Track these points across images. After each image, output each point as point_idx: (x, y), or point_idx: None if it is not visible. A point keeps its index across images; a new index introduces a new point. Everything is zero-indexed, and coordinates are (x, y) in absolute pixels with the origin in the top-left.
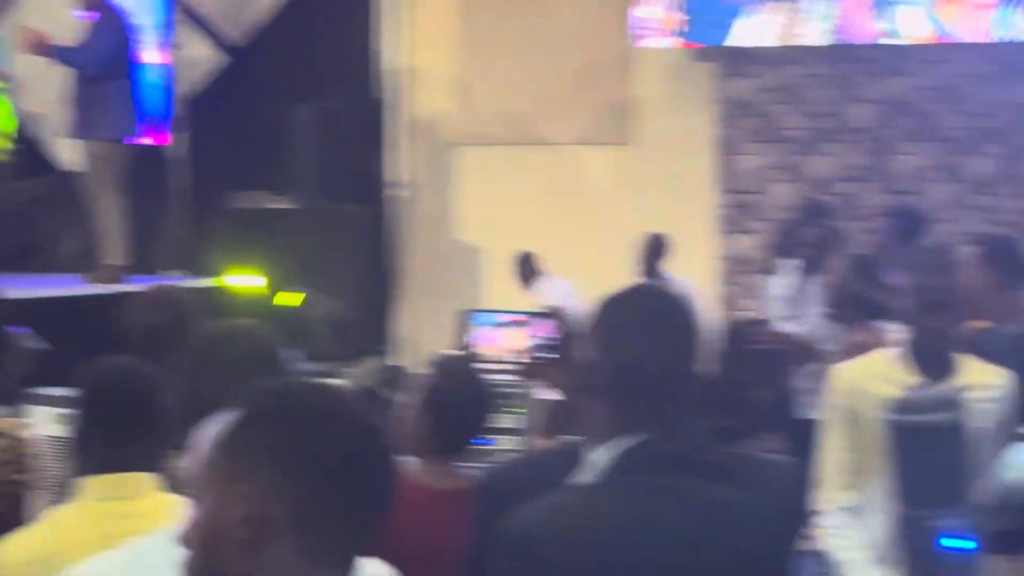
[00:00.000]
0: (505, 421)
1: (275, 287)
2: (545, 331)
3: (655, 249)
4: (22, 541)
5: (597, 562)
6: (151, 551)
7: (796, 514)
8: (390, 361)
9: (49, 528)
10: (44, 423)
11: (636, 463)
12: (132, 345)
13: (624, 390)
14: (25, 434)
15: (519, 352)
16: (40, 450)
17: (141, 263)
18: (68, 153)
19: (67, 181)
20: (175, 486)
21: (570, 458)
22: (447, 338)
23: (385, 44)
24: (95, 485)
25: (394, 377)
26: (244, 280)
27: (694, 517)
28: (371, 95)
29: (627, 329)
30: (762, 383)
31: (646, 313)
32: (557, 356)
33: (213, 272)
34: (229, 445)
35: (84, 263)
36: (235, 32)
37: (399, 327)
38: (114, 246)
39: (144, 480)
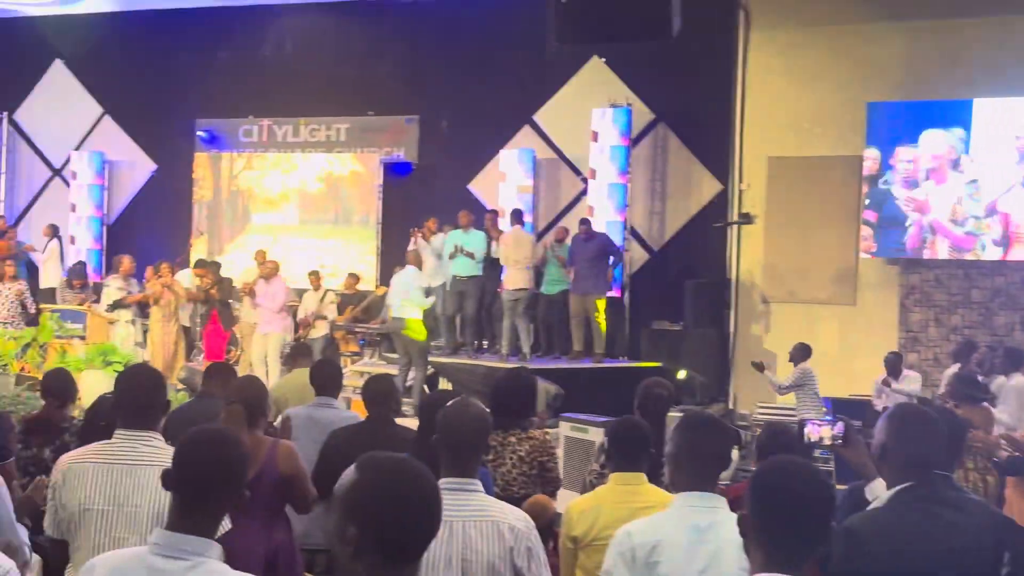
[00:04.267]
0: None
1: (677, 368)
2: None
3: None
4: (583, 499)
5: (896, 553)
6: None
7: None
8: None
9: (595, 495)
10: (564, 432)
11: (910, 497)
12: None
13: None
14: (549, 438)
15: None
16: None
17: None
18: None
19: None
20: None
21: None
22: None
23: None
24: (616, 477)
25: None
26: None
27: (951, 532)
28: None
29: (912, 432)
30: None
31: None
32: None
33: (644, 359)
34: None
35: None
36: (653, 243)
37: (731, 387)
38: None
39: (643, 478)
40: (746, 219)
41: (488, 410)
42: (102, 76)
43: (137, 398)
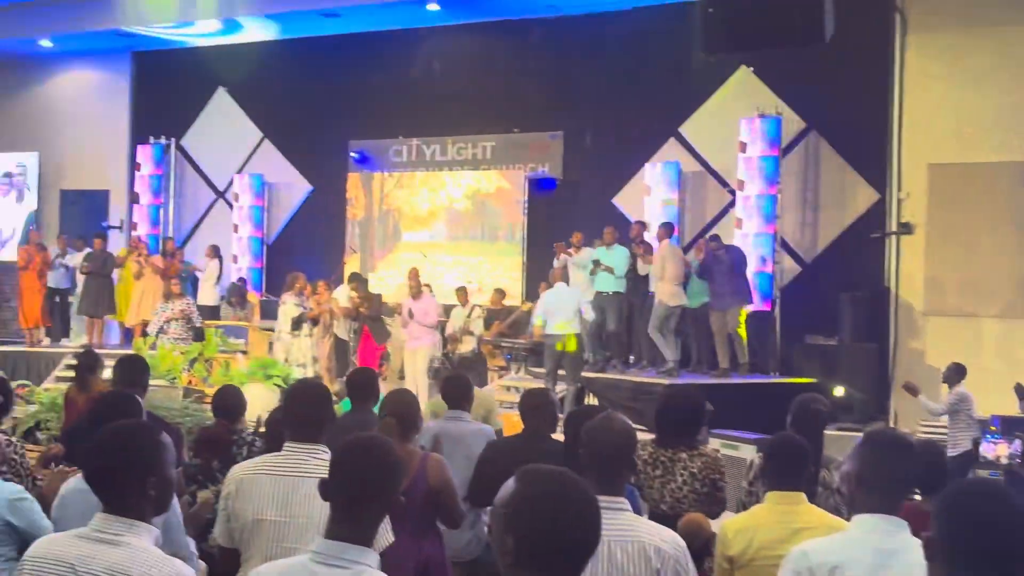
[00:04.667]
0: None
1: (833, 384)
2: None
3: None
4: (739, 518)
5: None
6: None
7: None
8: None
9: (751, 514)
10: (724, 450)
11: None
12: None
13: None
14: (718, 455)
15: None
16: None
17: (755, 367)
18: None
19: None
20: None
21: None
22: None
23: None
24: (774, 495)
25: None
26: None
27: None
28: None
29: None
30: None
31: None
32: None
33: (799, 375)
34: None
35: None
36: (805, 255)
37: (892, 404)
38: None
39: (802, 497)
40: (906, 229)
41: (632, 424)
42: (261, 102)
43: (304, 412)
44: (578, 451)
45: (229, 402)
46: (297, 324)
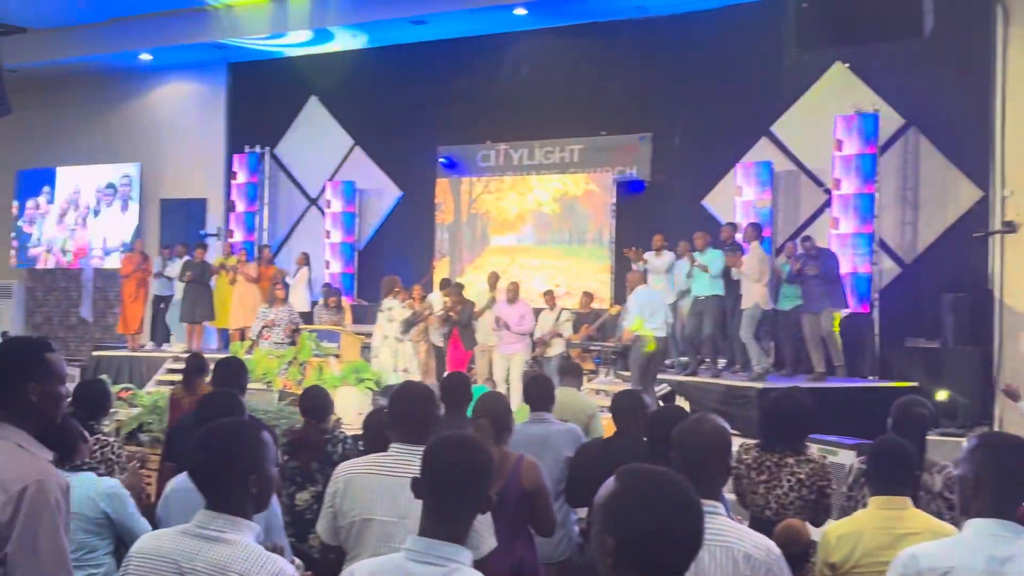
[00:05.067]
0: None
1: (935, 388)
2: None
3: None
4: (842, 524)
5: None
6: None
7: None
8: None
9: (854, 520)
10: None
11: None
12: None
13: None
14: (826, 461)
15: None
16: (831, 472)
17: (852, 371)
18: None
19: None
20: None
21: None
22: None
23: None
24: (878, 500)
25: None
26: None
27: None
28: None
29: None
30: None
31: None
32: None
33: (899, 379)
34: None
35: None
36: (905, 256)
37: (997, 409)
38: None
39: (908, 502)
40: (1010, 227)
41: (727, 426)
42: (352, 110)
43: (411, 413)
44: (662, 451)
45: (316, 402)
46: (408, 327)
